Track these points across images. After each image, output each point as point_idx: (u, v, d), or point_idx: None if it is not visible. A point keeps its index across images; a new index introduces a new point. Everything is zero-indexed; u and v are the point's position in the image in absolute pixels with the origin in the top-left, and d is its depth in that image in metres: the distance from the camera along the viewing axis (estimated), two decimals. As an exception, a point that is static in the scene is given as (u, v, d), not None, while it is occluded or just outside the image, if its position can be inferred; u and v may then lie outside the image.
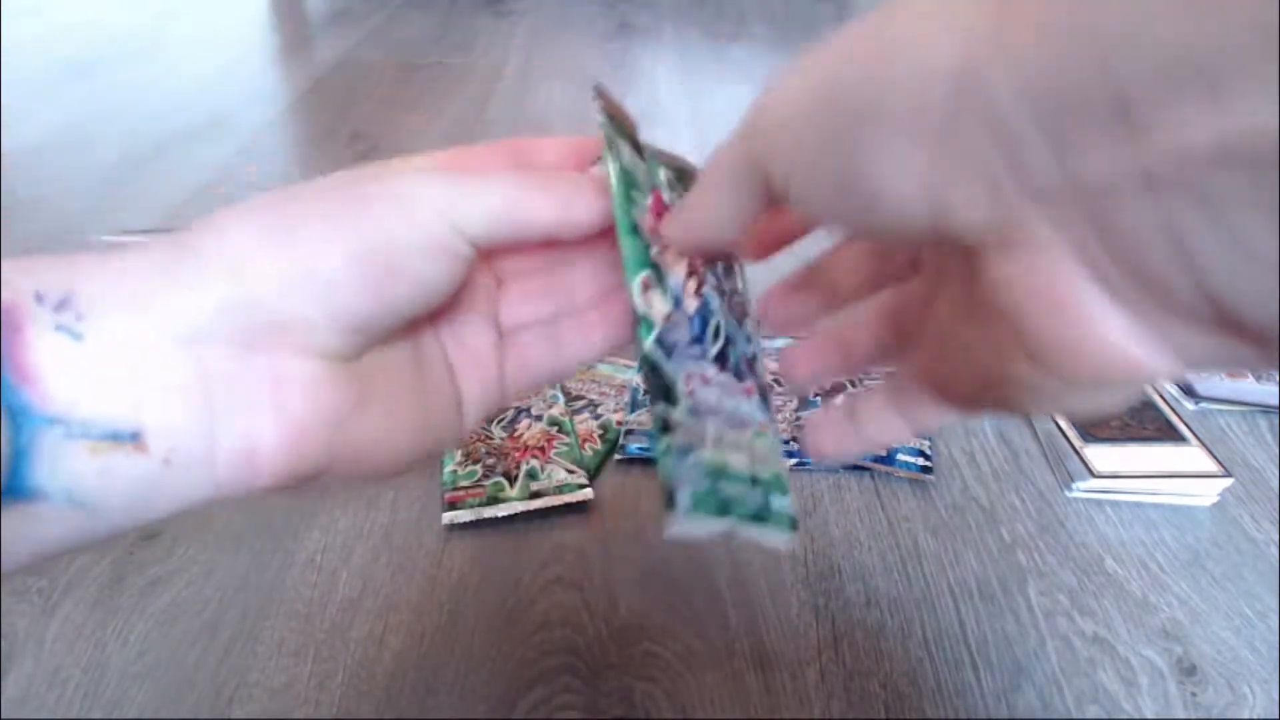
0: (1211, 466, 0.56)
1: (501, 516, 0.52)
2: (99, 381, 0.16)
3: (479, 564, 0.50)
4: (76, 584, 0.48)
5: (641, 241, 0.21)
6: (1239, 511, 0.56)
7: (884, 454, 0.57)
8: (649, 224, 0.22)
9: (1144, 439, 0.59)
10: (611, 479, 0.56)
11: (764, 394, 0.24)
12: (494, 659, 0.45)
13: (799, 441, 0.25)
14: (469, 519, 0.52)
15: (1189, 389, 0.66)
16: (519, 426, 0.59)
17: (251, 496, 0.19)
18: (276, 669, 0.44)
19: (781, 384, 0.25)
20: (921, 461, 0.57)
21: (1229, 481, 0.56)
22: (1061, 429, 0.59)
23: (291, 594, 0.48)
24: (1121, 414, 0.61)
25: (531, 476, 0.54)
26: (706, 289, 0.23)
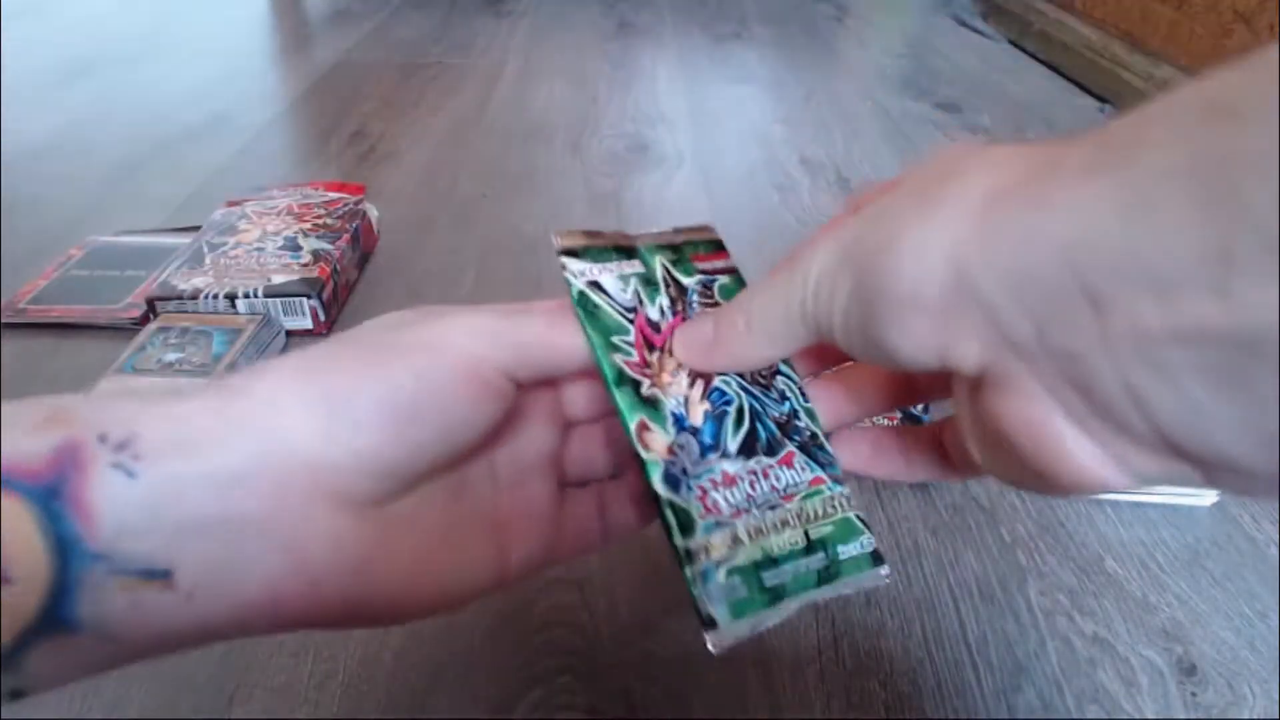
0: (1211, 466, 0.56)
1: (501, 516, 0.52)
2: (144, 520, 0.17)
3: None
4: (76, 584, 0.48)
5: (630, 388, 0.22)
6: (1239, 511, 0.56)
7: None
8: (639, 358, 0.23)
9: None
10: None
11: (808, 449, 0.25)
12: (494, 659, 0.45)
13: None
14: (469, 519, 0.52)
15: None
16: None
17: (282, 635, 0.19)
18: (276, 669, 0.44)
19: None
20: (921, 461, 0.57)
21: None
22: (1061, 429, 0.59)
23: (291, 594, 0.48)
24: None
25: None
26: (720, 380, 0.24)
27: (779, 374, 0.25)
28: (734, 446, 0.23)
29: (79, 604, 0.16)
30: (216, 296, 0.66)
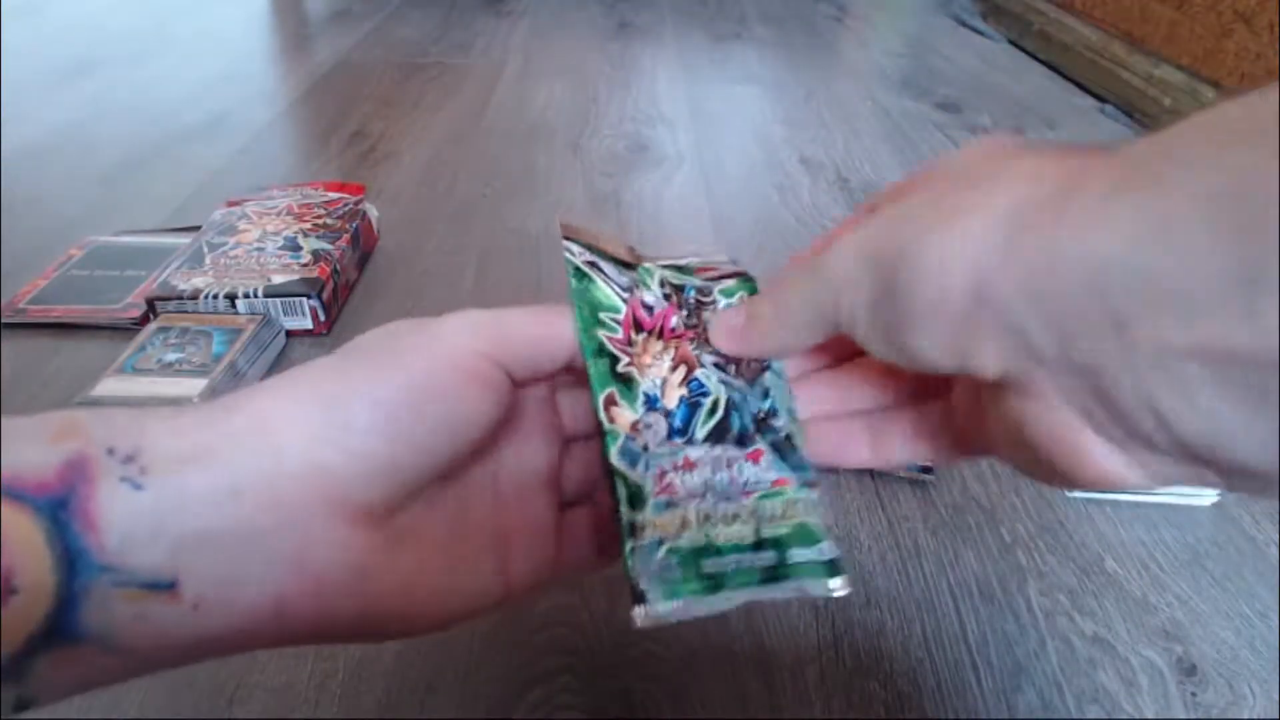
0: (1211, 466, 0.56)
1: (501, 516, 0.52)
2: (148, 531, 0.17)
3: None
4: (76, 584, 0.48)
5: (606, 361, 0.23)
6: (1239, 511, 0.56)
7: (884, 454, 0.57)
8: (623, 335, 0.23)
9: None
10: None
11: (780, 449, 0.25)
12: (494, 659, 0.45)
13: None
14: (469, 519, 0.52)
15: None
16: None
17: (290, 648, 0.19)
18: (276, 669, 0.44)
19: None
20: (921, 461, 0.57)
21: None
22: (1061, 429, 0.59)
23: (291, 594, 0.48)
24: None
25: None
26: (702, 371, 0.24)
27: (768, 370, 0.25)
28: (702, 434, 0.24)
29: (84, 614, 0.16)
30: (216, 296, 0.66)
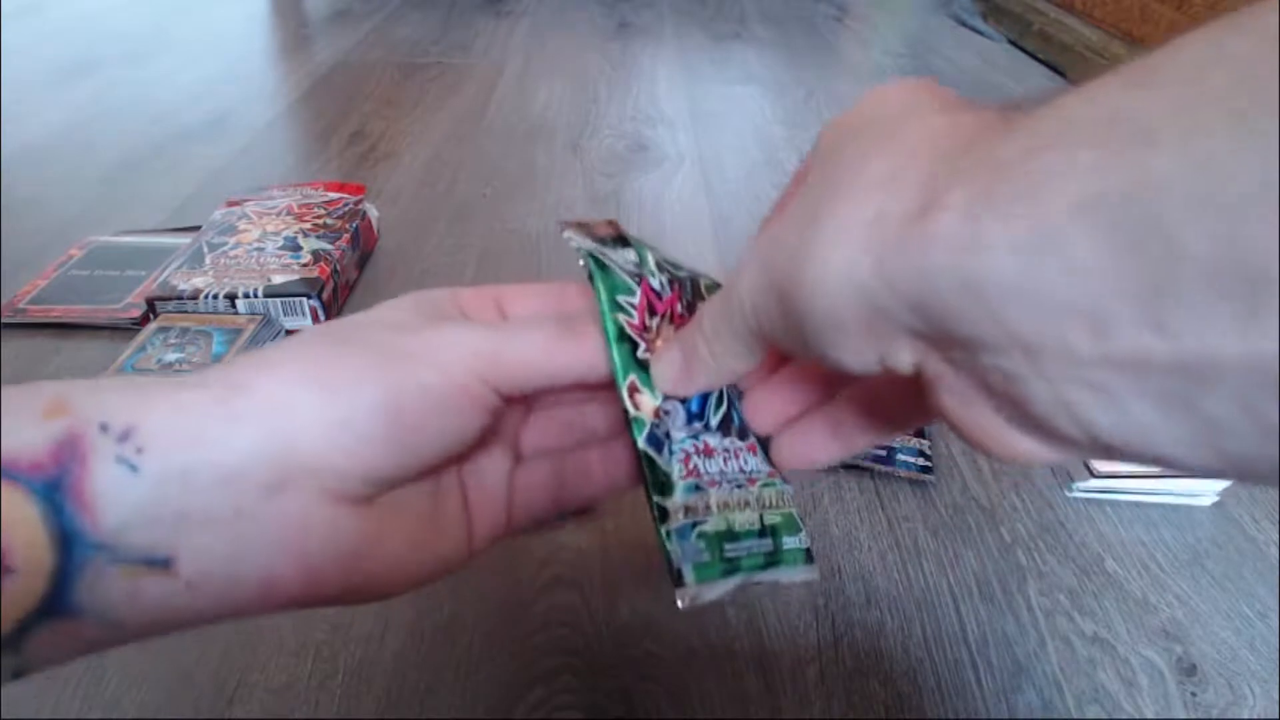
0: (1211, 466, 0.56)
1: (501, 516, 0.52)
2: (147, 512, 0.17)
3: (479, 564, 0.50)
4: (76, 584, 0.48)
5: (628, 346, 0.23)
6: (1239, 511, 0.56)
7: (884, 454, 0.57)
8: (639, 320, 0.24)
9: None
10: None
11: (763, 444, 0.26)
12: (494, 659, 0.45)
13: (774, 455, 0.26)
14: (469, 519, 0.52)
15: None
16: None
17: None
18: (276, 669, 0.44)
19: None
20: (921, 461, 0.57)
21: (1229, 481, 0.56)
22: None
23: (291, 594, 0.48)
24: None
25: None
26: None
27: None
28: (715, 421, 0.24)
29: (80, 591, 0.17)
30: (216, 296, 0.66)
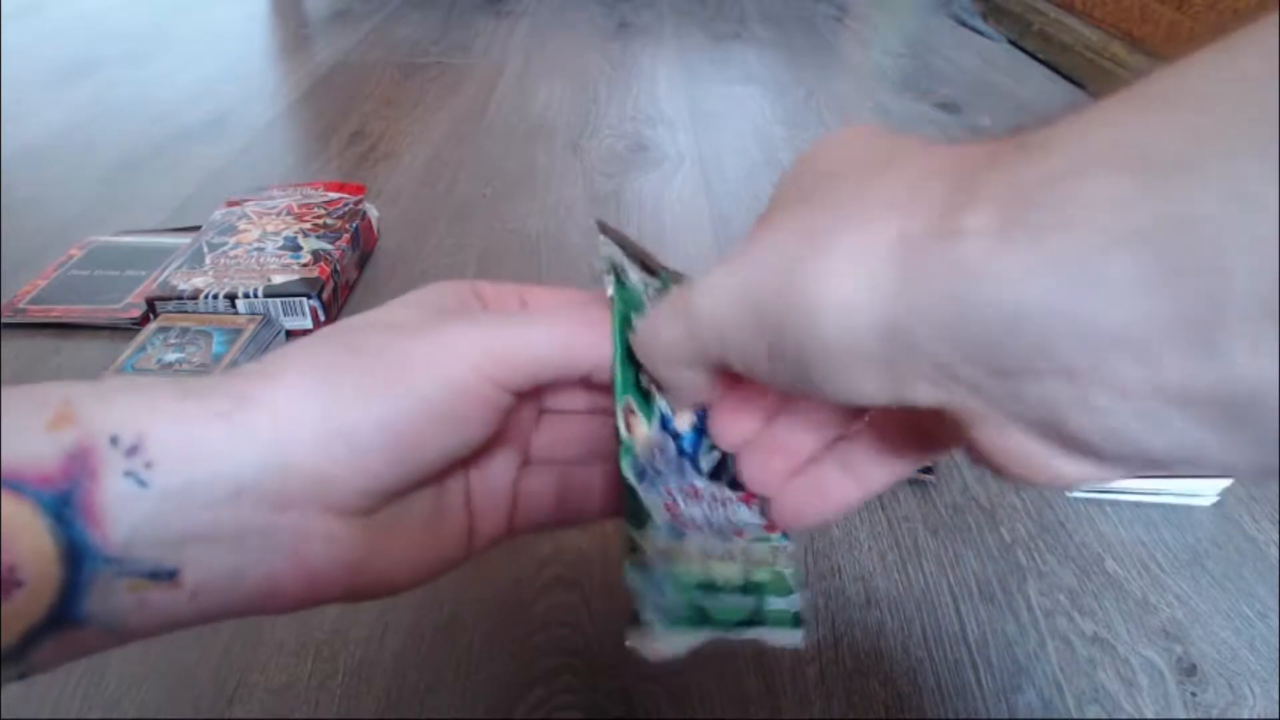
0: (1211, 466, 0.56)
1: (501, 516, 0.52)
2: (154, 527, 0.17)
3: (479, 564, 0.50)
4: (76, 584, 0.48)
5: (634, 369, 0.22)
6: (1239, 511, 0.56)
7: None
8: None
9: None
10: (611, 479, 0.56)
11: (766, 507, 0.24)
12: (494, 659, 0.45)
13: (778, 514, 0.23)
14: (469, 519, 0.52)
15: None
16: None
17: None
18: (276, 669, 0.44)
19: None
20: (921, 461, 0.57)
21: (1229, 481, 0.56)
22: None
23: (291, 594, 0.48)
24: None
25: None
26: None
27: None
28: (706, 465, 0.23)
29: (87, 603, 0.17)
30: (216, 296, 0.66)
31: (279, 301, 0.66)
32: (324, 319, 0.68)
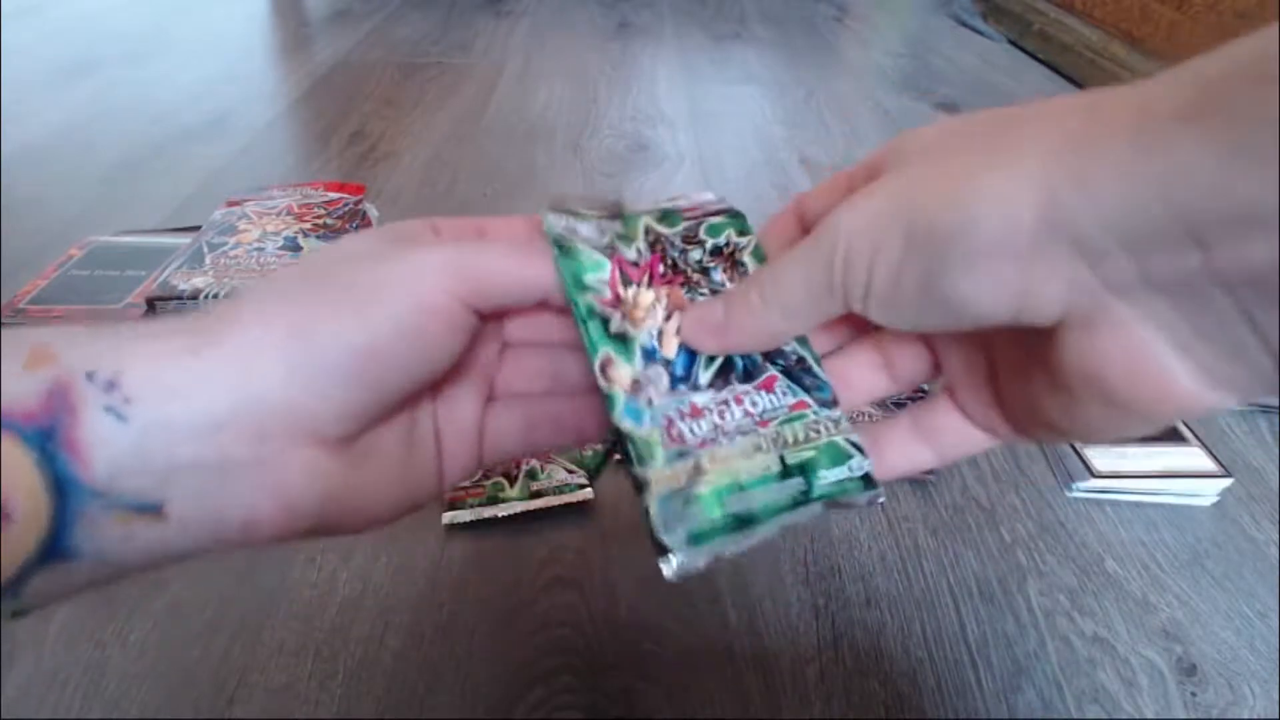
0: (1211, 466, 0.56)
1: (501, 516, 0.52)
2: (137, 460, 0.17)
3: (479, 564, 0.50)
4: (76, 584, 0.48)
5: (598, 322, 0.22)
6: (1239, 511, 0.56)
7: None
8: (611, 295, 0.23)
9: (1144, 439, 0.59)
10: (611, 479, 0.56)
11: (792, 373, 0.24)
12: (494, 659, 0.45)
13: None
14: (469, 519, 0.52)
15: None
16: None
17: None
18: (276, 669, 0.44)
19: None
20: (921, 461, 0.57)
21: (1229, 481, 0.56)
22: (1061, 429, 0.59)
23: (291, 594, 0.48)
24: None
25: (531, 477, 0.54)
26: None
27: None
28: (705, 379, 0.24)
29: (77, 537, 0.17)
30: (216, 296, 0.66)
31: (279, 301, 0.66)
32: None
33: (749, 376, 0.24)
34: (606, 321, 0.23)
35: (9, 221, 0.83)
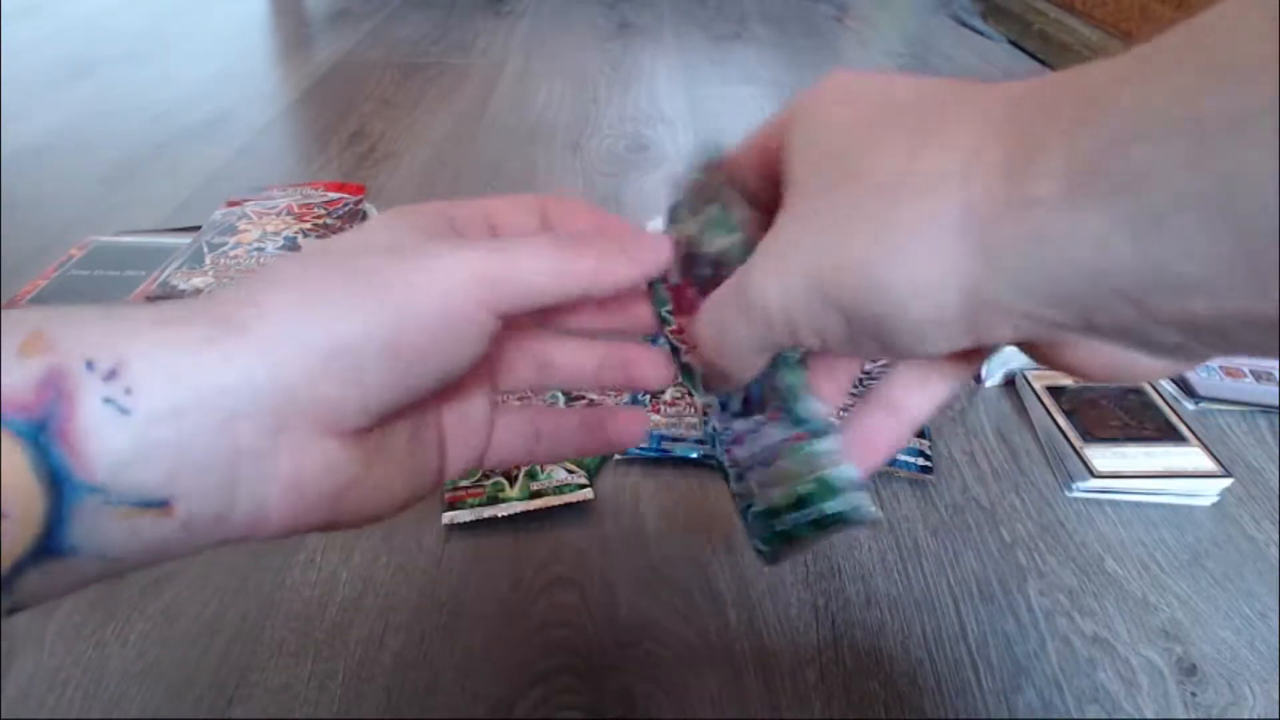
0: (1211, 466, 0.56)
1: (501, 516, 0.52)
2: (142, 455, 0.17)
3: (479, 564, 0.50)
4: (76, 584, 0.48)
5: (678, 358, 0.25)
6: (1239, 511, 0.56)
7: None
8: (677, 326, 0.25)
9: (1144, 439, 0.59)
10: (611, 479, 0.56)
11: (786, 406, 0.25)
12: (494, 659, 0.45)
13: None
14: (469, 519, 0.52)
15: (1189, 389, 0.66)
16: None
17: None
18: (276, 669, 0.44)
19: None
20: (921, 461, 0.57)
21: (1229, 481, 0.56)
22: (1061, 429, 0.59)
23: (291, 594, 0.48)
24: (1121, 414, 0.61)
25: (531, 477, 0.54)
26: None
27: None
28: (737, 407, 0.25)
29: (75, 533, 0.16)
30: (216, 296, 0.66)
31: (279, 301, 0.66)
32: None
33: (761, 408, 0.25)
34: (678, 352, 0.25)
35: (9, 221, 0.83)
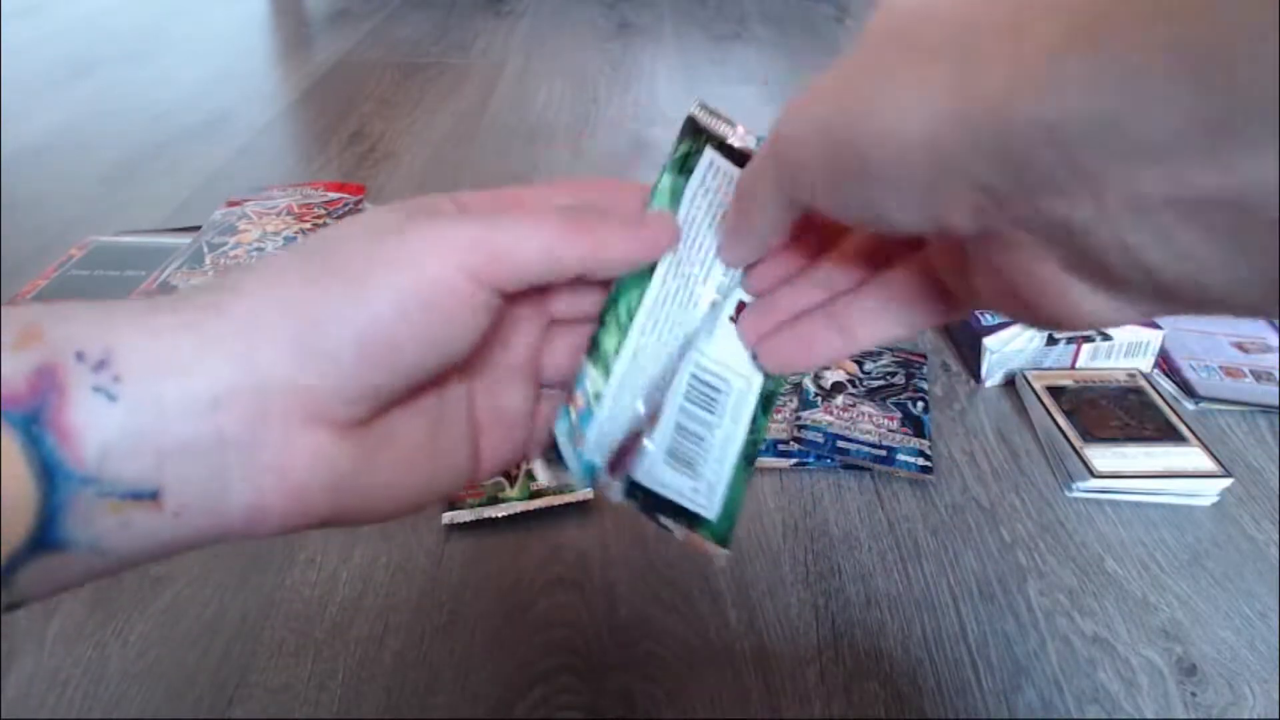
0: (1211, 466, 0.56)
1: (501, 516, 0.52)
2: (128, 443, 0.17)
3: (479, 564, 0.50)
4: (76, 584, 0.48)
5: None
6: (1239, 511, 0.56)
7: (884, 453, 0.57)
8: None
9: (1144, 439, 0.59)
10: (611, 479, 0.56)
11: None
12: (494, 659, 0.45)
13: (764, 359, 0.25)
14: (469, 519, 0.52)
15: (1189, 389, 0.66)
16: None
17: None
18: (276, 669, 0.44)
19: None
20: (921, 461, 0.57)
21: (1229, 481, 0.56)
22: (1061, 429, 0.59)
23: (291, 594, 0.48)
24: (1121, 414, 0.61)
25: (531, 476, 0.54)
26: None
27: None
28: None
29: (68, 526, 0.16)
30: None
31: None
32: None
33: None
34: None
35: (9, 221, 0.83)
